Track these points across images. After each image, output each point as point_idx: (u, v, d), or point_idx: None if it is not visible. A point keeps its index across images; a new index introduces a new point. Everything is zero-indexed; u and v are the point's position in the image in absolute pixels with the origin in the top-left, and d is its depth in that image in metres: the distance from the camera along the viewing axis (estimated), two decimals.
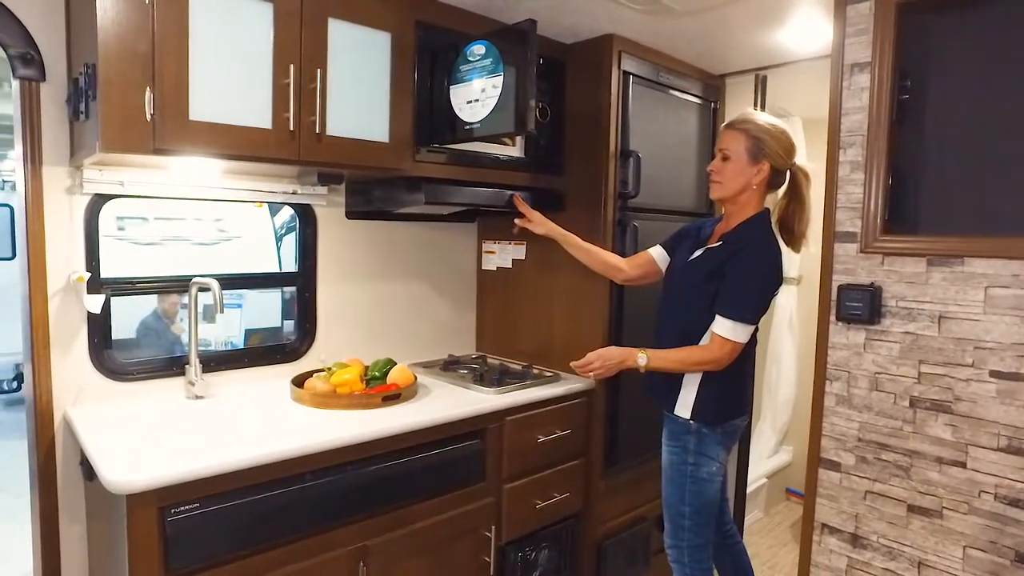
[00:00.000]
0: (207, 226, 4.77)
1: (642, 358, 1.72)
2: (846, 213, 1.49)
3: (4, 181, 9.15)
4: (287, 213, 5.22)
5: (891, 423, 1.43)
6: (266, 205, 5.56)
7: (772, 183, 1.72)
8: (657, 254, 1.99)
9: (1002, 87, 1.33)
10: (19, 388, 5.33)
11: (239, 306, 5.01)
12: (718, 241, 1.75)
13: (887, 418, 1.43)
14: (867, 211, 1.44)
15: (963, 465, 1.34)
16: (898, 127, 1.43)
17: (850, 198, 1.48)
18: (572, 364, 1.80)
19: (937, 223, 1.39)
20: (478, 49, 1.90)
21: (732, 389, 1.71)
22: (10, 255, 5.60)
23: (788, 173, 1.70)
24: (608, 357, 1.76)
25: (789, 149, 1.70)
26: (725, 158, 1.72)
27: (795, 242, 1.73)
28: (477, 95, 1.91)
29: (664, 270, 1.96)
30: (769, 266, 1.66)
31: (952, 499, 1.36)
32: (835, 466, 1.52)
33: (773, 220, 1.73)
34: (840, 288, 1.48)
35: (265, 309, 4.45)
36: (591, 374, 1.78)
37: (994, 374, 1.30)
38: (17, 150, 1.68)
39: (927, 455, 1.38)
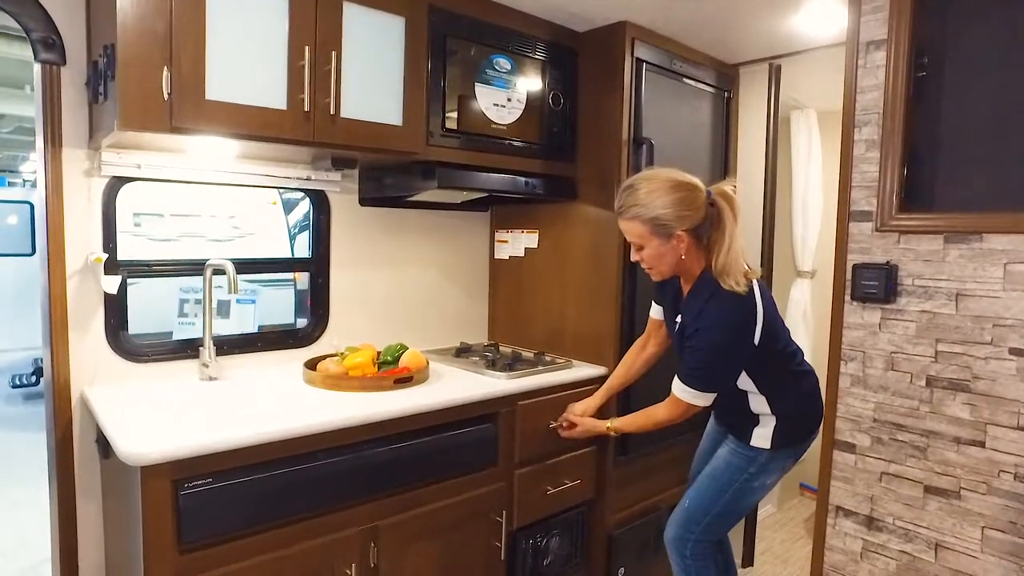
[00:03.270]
0: (221, 223, 4.82)
1: (610, 431, 1.89)
2: (861, 192, 1.47)
3: (25, 181, 9.32)
4: (300, 212, 5.27)
5: (907, 403, 1.41)
6: (280, 203, 5.61)
7: (701, 235, 1.58)
8: (656, 313, 1.93)
9: (1021, 61, 1.31)
10: (38, 382, 5.40)
11: (252, 302, 5.06)
12: (678, 315, 1.72)
13: (903, 398, 1.42)
14: (883, 189, 1.42)
15: (982, 445, 1.32)
16: (914, 104, 1.41)
17: (865, 177, 1.46)
18: (556, 424, 2.02)
19: (954, 200, 1.37)
20: (503, 63, 2.08)
21: (807, 412, 1.62)
22: (30, 251, 5.69)
23: (711, 211, 1.56)
24: (584, 424, 1.97)
25: (692, 203, 1.54)
26: (639, 247, 1.63)
27: (723, 278, 1.55)
28: (503, 101, 2.09)
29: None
30: (720, 339, 1.56)
31: (970, 479, 1.33)
32: (850, 448, 1.50)
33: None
34: (855, 267, 1.46)
35: (279, 306, 4.49)
36: (569, 432, 2.00)
37: (1014, 351, 1.27)
38: (38, 132, 1.71)
39: (944, 435, 1.36)
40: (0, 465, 3.86)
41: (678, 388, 1.64)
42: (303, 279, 3.30)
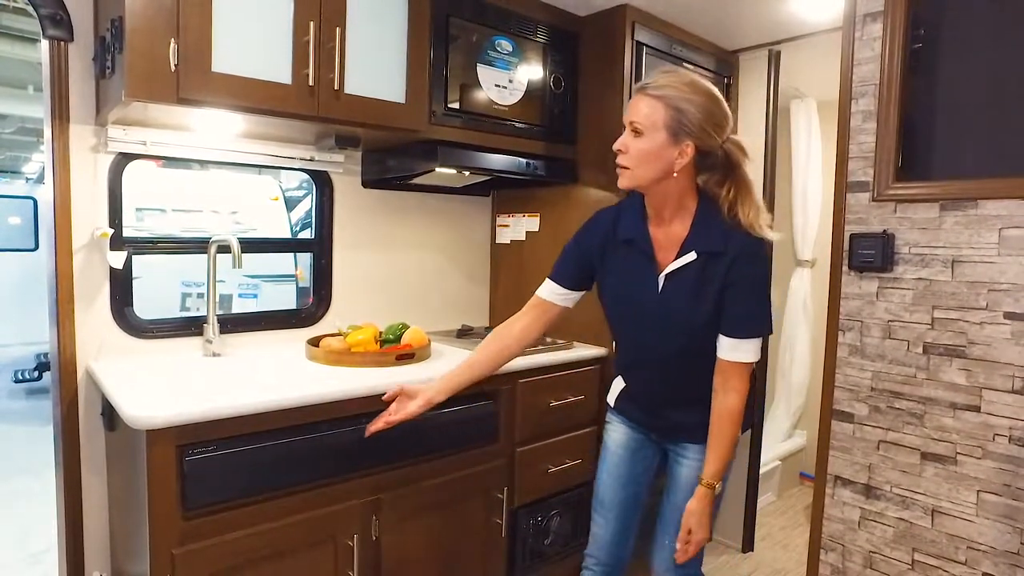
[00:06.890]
0: (223, 218, 4.84)
1: (717, 487, 1.39)
2: (858, 163, 1.49)
3: (27, 179, 9.35)
4: (302, 210, 5.27)
5: (905, 371, 1.43)
6: (282, 199, 5.61)
7: (699, 166, 1.34)
8: (550, 294, 1.58)
9: (1015, 31, 1.33)
10: (40, 377, 5.41)
11: (254, 296, 5.07)
12: (688, 253, 1.36)
13: (900, 366, 1.43)
14: (879, 160, 1.44)
15: (977, 409, 1.33)
16: (911, 76, 1.43)
17: (862, 147, 1.48)
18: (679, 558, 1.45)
19: (950, 169, 1.39)
20: (505, 44, 2.11)
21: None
22: (33, 246, 5.72)
23: (721, 151, 1.32)
24: (696, 526, 1.41)
25: (718, 127, 1.30)
26: (637, 133, 1.30)
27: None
28: (505, 83, 2.12)
29: (573, 301, 1.59)
30: (766, 262, 1.37)
31: (966, 444, 1.35)
32: (848, 417, 1.51)
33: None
34: (852, 237, 1.48)
35: (281, 303, 4.51)
36: (687, 553, 1.43)
37: (1008, 316, 1.29)
38: (45, 108, 1.74)
39: (941, 401, 1.38)
40: (4, 458, 3.87)
41: (749, 349, 1.30)
42: (305, 277, 3.32)
